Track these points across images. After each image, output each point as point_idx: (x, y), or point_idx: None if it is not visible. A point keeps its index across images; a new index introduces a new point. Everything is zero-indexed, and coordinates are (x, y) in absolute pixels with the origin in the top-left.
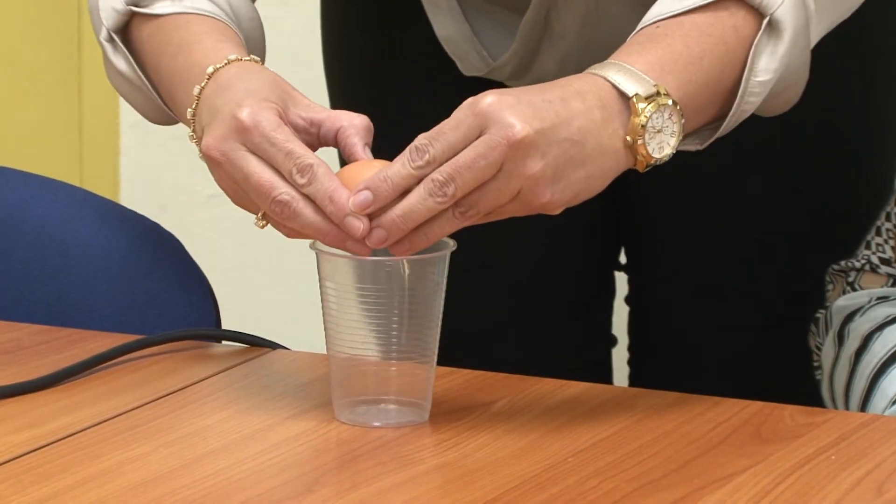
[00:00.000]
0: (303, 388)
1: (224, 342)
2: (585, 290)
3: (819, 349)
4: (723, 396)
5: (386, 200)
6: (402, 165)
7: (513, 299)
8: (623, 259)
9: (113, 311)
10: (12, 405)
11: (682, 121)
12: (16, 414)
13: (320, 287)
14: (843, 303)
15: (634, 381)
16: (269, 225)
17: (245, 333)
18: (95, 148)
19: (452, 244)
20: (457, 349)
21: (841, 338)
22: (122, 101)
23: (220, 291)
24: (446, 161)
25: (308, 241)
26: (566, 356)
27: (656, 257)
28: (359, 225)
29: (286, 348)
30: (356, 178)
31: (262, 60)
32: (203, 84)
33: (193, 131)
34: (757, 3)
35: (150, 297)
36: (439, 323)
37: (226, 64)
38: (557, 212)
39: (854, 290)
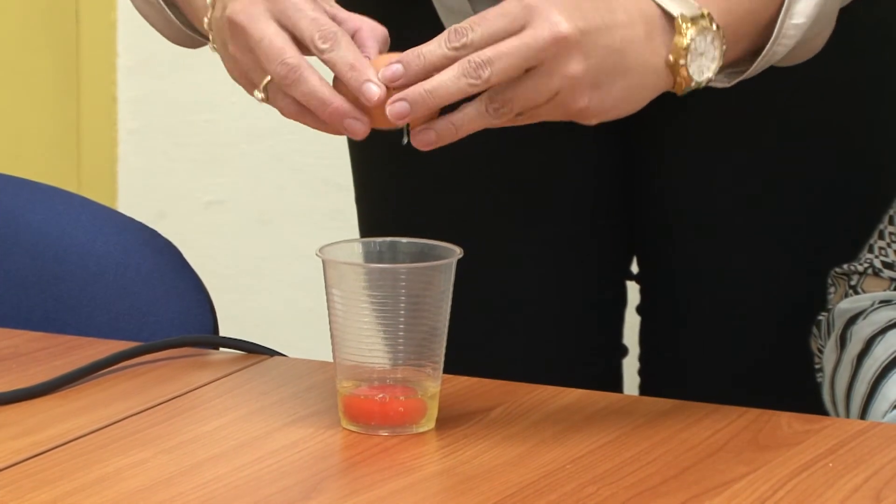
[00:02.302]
0: (301, 394)
1: (222, 349)
2: (597, 299)
3: (821, 352)
4: (734, 405)
5: (416, 76)
6: (438, 45)
7: (524, 308)
8: (635, 268)
9: (110, 318)
10: (10, 412)
11: (724, 47)
12: (14, 420)
13: (326, 294)
14: (845, 306)
15: (644, 390)
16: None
17: (243, 340)
18: (93, 154)
19: (458, 252)
20: (464, 357)
21: (843, 341)
22: (120, 107)
23: (218, 298)
24: (485, 47)
25: (313, 249)
26: (577, 366)
27: (670, 267)
28: (377, 91)
29: (284, 355)
30: (378, 65)
31: None
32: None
33: (213, 39)
34: None
35: (148, 303)
36: (445, 330)
37: None
38: (592, 122)
39: (857, 293)
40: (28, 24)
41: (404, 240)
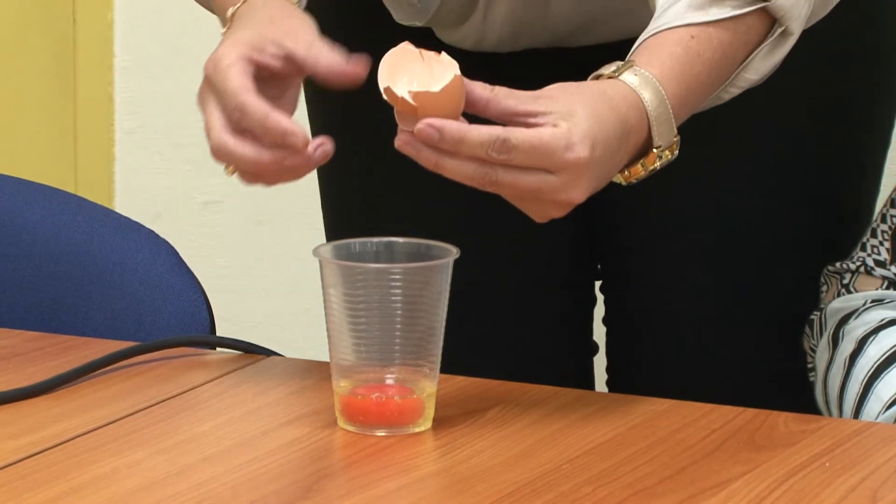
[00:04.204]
0: (297, 394)
1: (218, 349)
2: (565, 299)
3: (813, 351)
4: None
5: (445, 149)
6: (482, 146)
7: (496, 309)
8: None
9: (107, 318)
10: (6, 412)
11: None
12: (10, 421)
13: (323, 294)
14: (837, 305)
15: (613, 388)
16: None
17: (239, 340)
18: (90, 155)
19: (455, 252)
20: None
21: (835, 340)
22: (117, 107)
23: (215, 298)
24: (516, 166)
25: (309, 249)
26: (549, 365)
27: (629, 280)
28: (297, 141)
29: (280, 355)
30: (400, 68)
31: None
32: (236, 8)
33: None
34: (780, 15)
35: (145, 303)
36: (442, 330)
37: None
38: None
39: (849, 292)
40: (25, 24)
41: (401, 240)
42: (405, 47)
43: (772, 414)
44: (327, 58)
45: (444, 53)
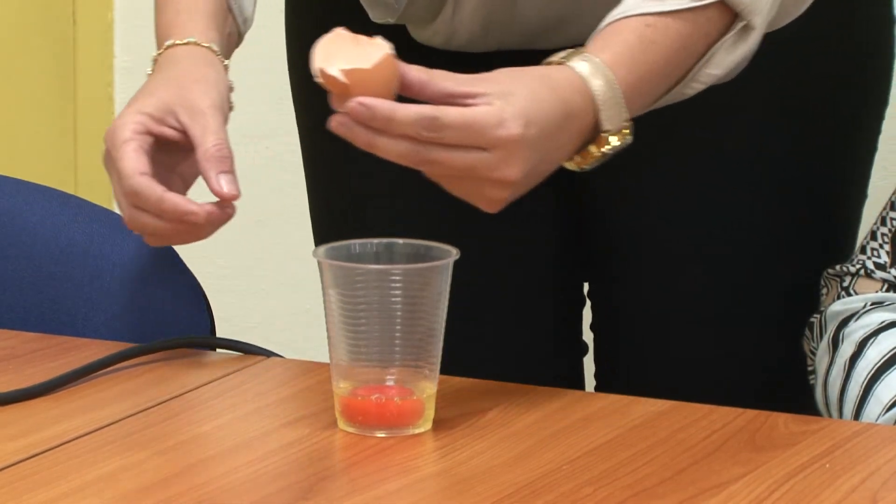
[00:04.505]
0: (297, 395)
1: (218, 350)
2: (554, 299)
3: (813, 354)
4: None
5: (376, 127)
6: (412, 123)
7: (481, 311)
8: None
9: (107, 319)
10: (6, 413)
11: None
12: (10, 422)
13: (323, 295)
14: (837, 308)
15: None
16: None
17: (239, 341)
18: (90, 155)
19: (455, 253)
20: None
21: (835, 343)
22: (117, 108)
23: (215, 299)
24: (449, 144)
25: (309, 250)
26: (541, 366)
27: (618, 286)
28: (197, 219)
29: (280, 356)
30: (334, 52)
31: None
32: (159, 53)
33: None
34: (740, 9)
35: (145, 305)
36: (442, 331)
37: (175, 45)
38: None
39: (849, 294)
40: (25, 25)
41: (401, 241)
42: (338, 32)
43: (772, 415)
44: (209, 138)
45: (378, 37)
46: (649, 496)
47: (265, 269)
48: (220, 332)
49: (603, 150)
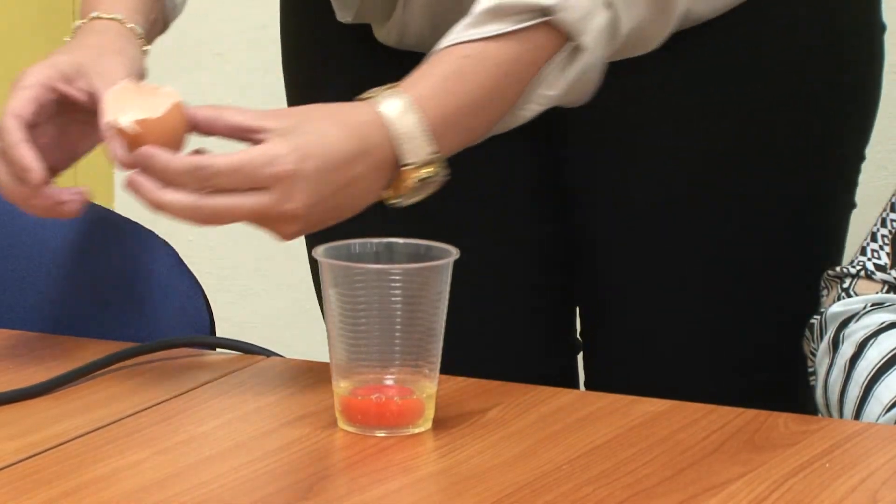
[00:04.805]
0: (297, 395)
1: (218, 350)
2: (547, 298)
3: (813, 355)
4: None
5: (159, 178)
6: (185, 173)
7: (474, 310)
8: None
9: (107, 319)
10: (7, 412)
11: (447, 173)
12: (10, 421)
13: (323, 295)
14: (837, 309)
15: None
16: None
17: (239, 341)
18: (90, 155)
19: (455, 252)
20: None
21: (836, 344)
22: None
23: (215, 299)
24: (228, 190)
25: (308, 250)
26: (535, 364)
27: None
28: (31, 177)
29: (280, 356)
30: (124, 104)
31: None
32: (81, 22)
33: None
34: (566, 30)
35: (145, 304)
36: (442, 331)
37: (100, 18)
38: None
39: (849, 296)
40: (25, 25)
41: (400, 240)
42: (126, 85)
43: (772, 415)
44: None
45: (167, 86)
46: (649, 496)
47: (265, 269)
48: (220, 332)
49: (408, 183)
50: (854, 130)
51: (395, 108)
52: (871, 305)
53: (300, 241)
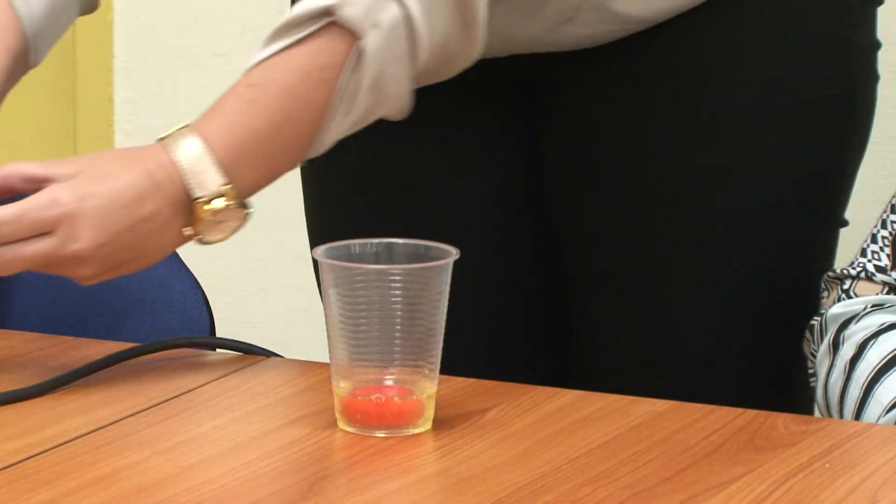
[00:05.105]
0: (297, 395)
1: (218, 350)
2: (544, 299)
3: (814, 356)
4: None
5: None
6: None
7: (470, 311)
8: None
9: (107, 319)
10: (6, 413)
11: (248, 210)
12: (10, 421)
13: (323, 296)
14: (837, 310)
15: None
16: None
17: (239, 341)
18: None
19: (455, 253)
20: None
21: (836, 345)
22: (116, 108)
23: (215, 299)
24: (16, 240)
25: (307, 249)
26: (532, 362)
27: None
28: None
29: (280, 356)
30: None
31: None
32: None
33: None
34: (353, 28)
35: (145, 305)
36: (442, 331)
37: None
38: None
39: (849, 297)
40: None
41: (400, 241)
42: None
43: (771, 415)
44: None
45: None
46: (649, 496)
47: (265, 269)
48: (220, 332)
49: (203, 216)
50: (855, 141)
51: (183, 145)
52: (872, 307)
53: (300, 242)
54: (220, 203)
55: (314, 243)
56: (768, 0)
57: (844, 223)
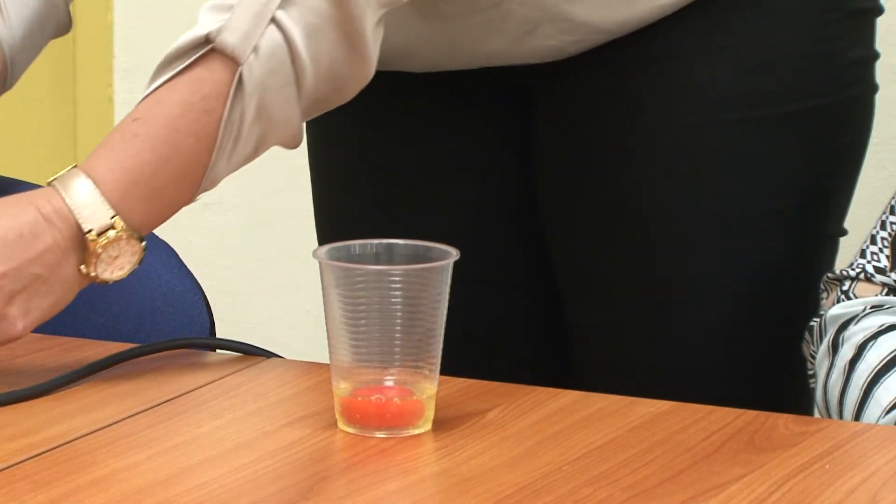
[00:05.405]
0: (297, 396)
1: (218, 350)
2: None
3: (813, 358)
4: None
5: None
6: None
7: (467, 312)
8: None
9: (107, 319)
10: (7, 413)
11: (143, 243)
12: (10, 422)
13: (323, 296)
14: (837, 311)
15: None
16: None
17: (239, 342)
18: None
19: (455, 253)
20: None
21: (835, 346)
22: (116, 109)
23: (215, 300)
24: None
25: (310, 251)
26: (531, 363)
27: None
28: None
29: (280, 357)
30: None
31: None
32: None
33: None
34: (232, 54)
35: (145, 305)
36: (442, 332)
37: None
38: (21, 331)
39: (849, 298)
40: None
41: (401, 241)
42: None
43: (772, 416)
44: None
45: None
46: (649, 497)
47: (265, 269)
48: (220, 333)
49: (96, 250)
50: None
51: (70, 183)
52: (871, 308)
53: (301, 243)
54: (110, 235)
55: (321, 236)
56: (746, 12)
57: (841, 233)
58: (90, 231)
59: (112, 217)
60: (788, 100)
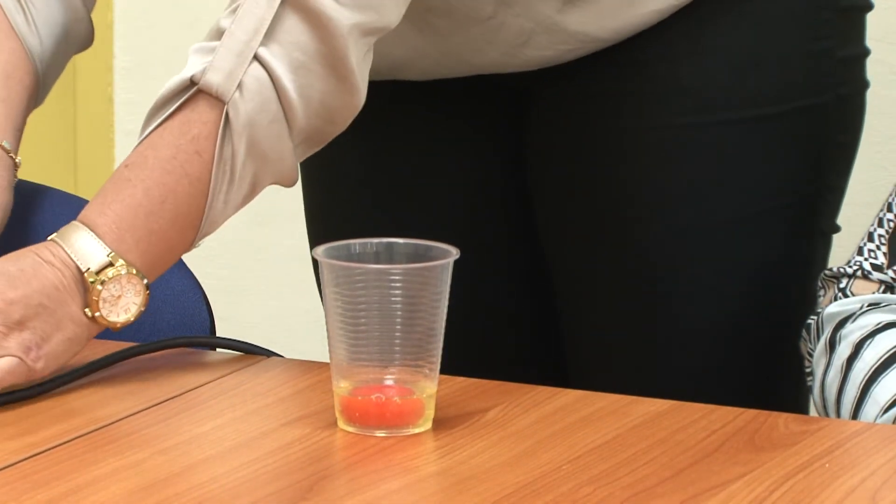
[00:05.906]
0: (297, 395)
1: (218, 349)
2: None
3: (810, 356)
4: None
5: None
6: None
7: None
8: None
9: None
10: (7, 413)
11: (144, 280)
12: (11, 421)
13: (323, 295)
14: (834, 309)
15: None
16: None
17: (239, 341)
18: (90, 156)
19: (455, 252)
20: None
21: (832, 344)
22: (116, 108)
23: (215, 299)
24: None
25: (307, 249)
26: (527, 362)
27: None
28: None
29: (280, 356)
30: None
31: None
32: None
33: None
34: (217, 93)
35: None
36: (442, 331)
37: None
38: (46, 371)
39: (846, 296)
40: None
41: (401, 240)
42: None
43: (772, 415)
44: None
45: None
46: (649, 496)
47: (265, 269)
48: (221, 332)
49: (96, 288)
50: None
51: (67, 232)
52: (868, 306)
53: (300, 242)
54: (109, 273)
55: (313, 244)
56: (737, 12)
57: (835, 230)
58: (88, 269)
59: (108, 254)
60: (781, 99)
